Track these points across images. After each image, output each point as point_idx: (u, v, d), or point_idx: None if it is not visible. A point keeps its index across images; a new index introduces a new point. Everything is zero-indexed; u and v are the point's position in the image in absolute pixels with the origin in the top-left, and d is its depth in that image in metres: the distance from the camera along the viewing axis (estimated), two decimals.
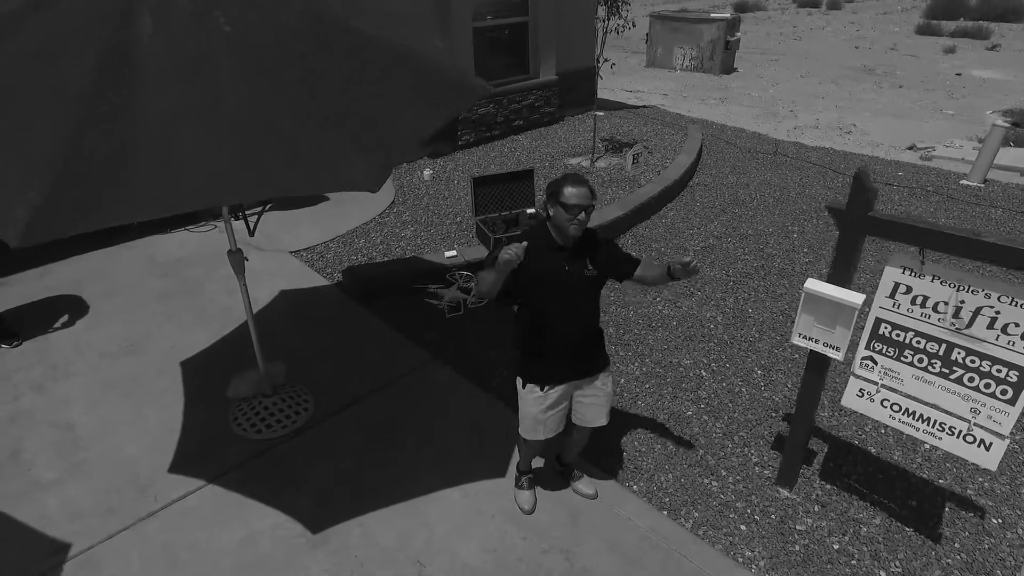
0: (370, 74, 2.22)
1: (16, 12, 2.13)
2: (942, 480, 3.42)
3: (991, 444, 2.53)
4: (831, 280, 2.74)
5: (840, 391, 4.05)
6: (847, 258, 2.68)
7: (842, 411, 3.90)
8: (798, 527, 3.13)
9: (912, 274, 2.54)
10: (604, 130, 8.82)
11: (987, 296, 2.38)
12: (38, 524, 3.00)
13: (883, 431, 3.74)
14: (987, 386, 2.48)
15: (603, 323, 2.97)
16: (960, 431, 2.57)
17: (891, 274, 2.59)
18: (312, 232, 5.80)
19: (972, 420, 2.53)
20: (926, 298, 2.53)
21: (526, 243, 2.35)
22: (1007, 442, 2.51)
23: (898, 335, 2.65)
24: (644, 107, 10.98)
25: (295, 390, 3.82)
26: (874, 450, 3.62)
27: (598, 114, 7.98)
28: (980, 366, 2.47)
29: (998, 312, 2.38)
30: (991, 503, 3.27)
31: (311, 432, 3.60)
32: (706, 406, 3.93)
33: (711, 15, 14.63)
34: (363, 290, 4.83)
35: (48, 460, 3.36)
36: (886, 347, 2.70)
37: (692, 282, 5.31)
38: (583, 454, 3.45)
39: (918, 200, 7.15)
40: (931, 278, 2.50)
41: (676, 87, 13.45)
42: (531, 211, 5.55)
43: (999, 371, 2.43)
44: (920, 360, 2.62)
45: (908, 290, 2.57)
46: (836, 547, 3.03)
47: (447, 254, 5.10)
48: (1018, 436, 3.71)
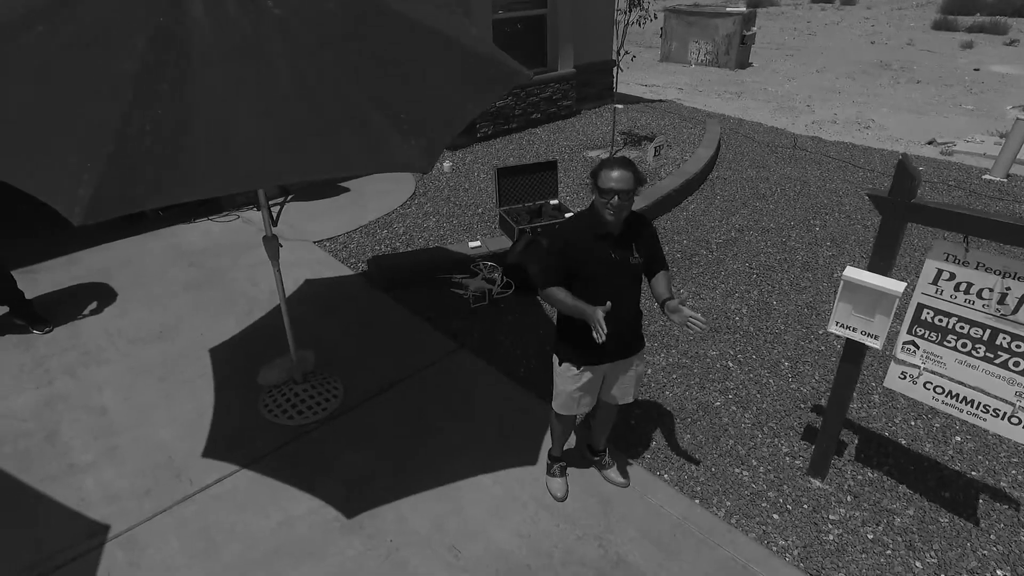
0: (419, 58, 2.22)
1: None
2: (974, 472, 3.40)
3: None
4: (871, 268, 2.72)
5: (869, 384, 4.03)
6: (888, 246, 2.66)
7: (872, 402, 3.88)
8: (831, 517, 3.12)
9: (955, 261, 2.52)
10: (622, 123, 8.79)
11: None
12: (77, 505, 3.03)
13: (913, 423, 3.73)
14: None
15: None
16: (1005, 413, 2.57)
17: (934, 261, 2.58)
18: (335, 222, 5.82)
19: (1017, 403, 2.52)
20: (970, 284, 2.52)
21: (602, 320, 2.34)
22: None
23: (941, 320, 2.64)
24: (660, 101, 10.94)
25: (325, 377, 3.84)
26: (904, 442, 3.60)
27: (618, 107, 7.95)
28: None
29: None
30: None
31: (342, 419, 3.62)
32: (734, 397, 3.92)
33: (727, 9, 14.54)
34: (388, 279, 4.84)
35: (84, 443, 3.39)
36: (928, 332, 2.69)
37: (716, 274, 5.29)
38: (613, 442, 3.46)
39: (940, 195, 7.09)
40: (975, 265, 2.48)
41: (691, 81, 13.39)
42: (554, 202, 5.55)
43: None
44: (964, 345, 2.61)
45: (951, 276, 2.55)
46: (870, 537, 3.02)
47: (471, 244, 5.11)
48: None
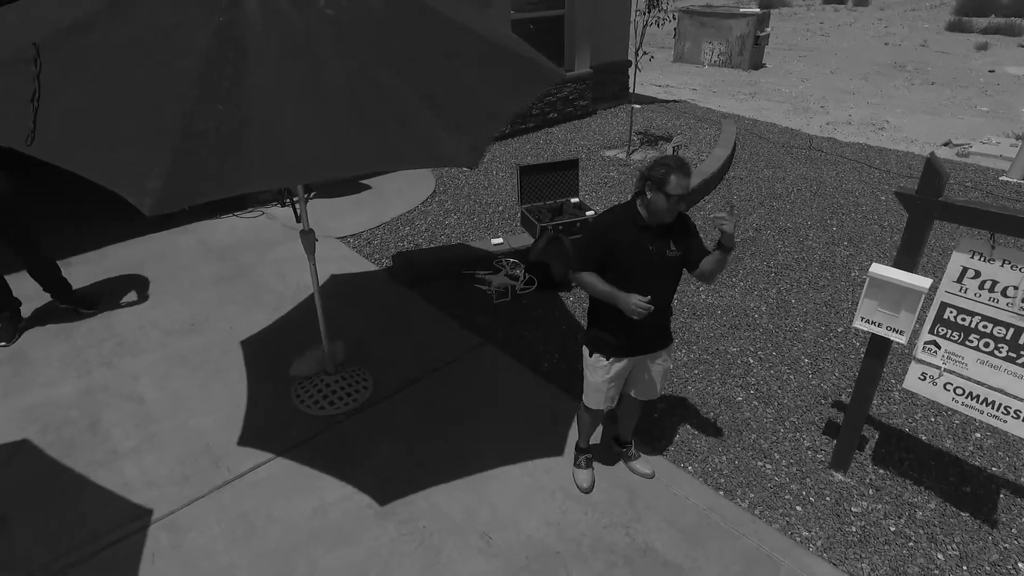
0: (461, 57, 2.30)
1: None
2: (995, 468, 3.45)
3: None
4: (897, 264, 2.79)
5: (889, 381, 4.08)
6: (915, 243, 2.72)
7: (892, 399, 3.93)
8: (853, 509, 3.18)
9: (981, 258, 2.58)
10: (637, 123, 8.85)
11: None
12: (121, 490, 3.13)
13: (933, 419, 3.78)
14: None
15: None
16: None
17: (959, 258, 2.63)
18: (358, 219, 5.92)
19: None
20: (995, 282, 2.57)
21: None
22: None
23: (964, 319, 2.69)
24: (675, 101, 10.99)
25: (355, 369, 3.94)
26: (925, 437, 3.65)
27: (635, 106, 8.02)
28: None
29: None
30: None
31: (372, 410, 3.71)
32: (755, 392, 3.98)
33: (740, 10, 14.56)
34: (412, 275, 4.93)
35: (125, 431, 3.50)
36: (951, 331, 2.74)
37: (734, 272, 5.35)
38: (637, 434, 3.53)
39: (957, 196, 7.11)
40: (1001, 262, 2.54)
41: (705, 82, 13.43)
42: (575, 200, 5.62)
43: None
44: (986, 344, 2.66)
45: (976, 274, 2.61)
46: (892, 529, 3.08)
47: (494, 241, 5.19)
48: None
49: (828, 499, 3.23)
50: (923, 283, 2.68)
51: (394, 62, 2.26)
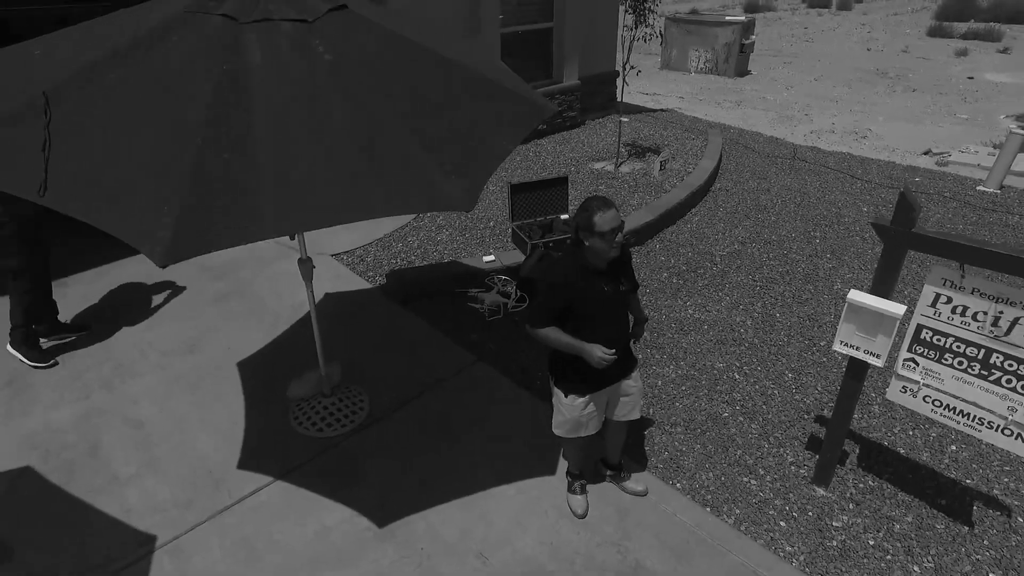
0: (457, 97, 2.40)
1: (130, 48, 2.31)
2: (969, 480, 3.60)
3: None
4: (873, 291, 2.92)
5: (869, 395, 4.22)
6: (889, 271, 2.85)
7: (872, 412, 4.08)
8: (834, 524, 3.31)
9: (952, 287, 2.72)
10: (625, 134, 8.98)
11: None
12: (124, 516, 3.20)
13: (911, 432, 3.92)
14: None
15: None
16: (998, 425, 2.78)
17: (932, 287, 2.77)
18: (350, 236, 5.99)
19: (1010, 416, 2.73)
20: (966, 308, 2.71)
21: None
22: None
23: (939, 340, 2.84)
24: (662, 111, 11.14)
25: (351, 390, 4.02)
26: (903, 451, 3.79)
27: (623, 119, 8.15)
28: (1018, 370, 2.66)
29: None
30: (1016, 503, 3.45)
31: (368, 431, 3.79)
32: (741, 408, 4.11)
33: (726, 18, 14.76)
34: (406, 293, 5.02)
35: (125, 455, 3.56)
36: (927, 350, 2.89)
37: (720, 286, 5.48)
38: (627, 453, 3.64)
39: (935, 206, 7.30)
40: (971, 291, 2.67)
41: (691, 90, 13.60)
42: (564, 217, 5.73)
43: None
44: (960, 363, 2.81)
45: (948, 300, 2.75)
46: (871, 543, 3.21)
47: (486, 259, 5.29)
48: None
49: (810, 514, 3.36)
50: (898, 309, 2.81)
51: (394, 105, 2.36)
